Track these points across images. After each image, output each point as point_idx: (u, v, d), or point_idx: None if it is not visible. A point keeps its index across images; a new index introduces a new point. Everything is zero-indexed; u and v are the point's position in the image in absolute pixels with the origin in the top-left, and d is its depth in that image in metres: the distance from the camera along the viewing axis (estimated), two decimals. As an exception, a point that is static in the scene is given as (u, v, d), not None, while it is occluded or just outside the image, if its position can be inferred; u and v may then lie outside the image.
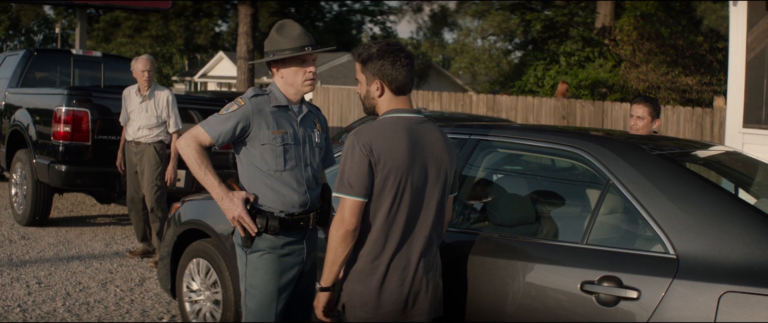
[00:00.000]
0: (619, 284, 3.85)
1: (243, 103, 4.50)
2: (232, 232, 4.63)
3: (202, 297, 6.41)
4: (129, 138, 9.23)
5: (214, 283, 6.24)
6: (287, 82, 4.59)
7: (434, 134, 4.12)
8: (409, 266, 3.97)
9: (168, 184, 9.15)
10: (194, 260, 6.45)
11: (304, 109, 4.69)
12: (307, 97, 6.12)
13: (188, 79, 68.92)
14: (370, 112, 4.21)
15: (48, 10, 64.25)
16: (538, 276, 4.21)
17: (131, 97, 9.22)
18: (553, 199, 5.18)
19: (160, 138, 9.19)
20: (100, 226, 11.36)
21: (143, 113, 9.13)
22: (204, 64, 67.40)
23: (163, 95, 9.23)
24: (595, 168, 4.39)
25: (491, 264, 4.37)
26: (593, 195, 4.68)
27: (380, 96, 4.09)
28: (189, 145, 4.48)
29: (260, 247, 4.48)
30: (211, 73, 62.92)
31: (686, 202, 3.99)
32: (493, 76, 47.14)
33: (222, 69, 60.52)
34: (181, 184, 10.16)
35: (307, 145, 4.63)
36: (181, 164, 9.59)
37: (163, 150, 9.19)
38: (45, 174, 10.24)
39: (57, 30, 65.90)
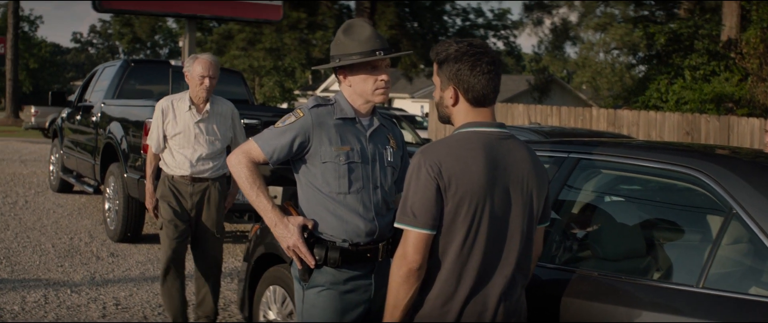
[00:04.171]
0: (742, 340, 3.14)
1: (302, 115, 3.93)
2: (291, 263, 4.05)
3: (278, 329, 5.88)
4: (181, 172, 6.62)
5: (291, 314, 5.70)
6: (355, 90, 4.03)
7: (520, 152, 3.44)
8: (486, 312, 3.31)
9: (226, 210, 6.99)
10: (271, 287, 5.93)
11: (376, 123, 4.09)
12: (415, 108, 5.48)
13: (310, 93, 69.37)
14: (445, 121, 3.57)
15: (171, 23, 65.38)
16: (644, 325, 3.50)
17: (178, 112, 6.67)
18: (663, 231, 4.42)
19: (224, 170, 6.68)
20: (193, 244, 10.93)
21: (202, 137, 6.65)
22: (327, 77, 67.77)
23: (228, 110, 6.91)
24: (715, 194, 3.66)
25: (588, 309, 3.69)
26: (713, 226, 3.94)
27: (454, 105, 3.45)
28: (240, 161, 3.93)
29: (319, 282, 3.89)
30: (333, 87, 63.14)
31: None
32: (616, 90, 46.34)
33: (344, 82, 60.66)
34: (277, 201, 9.63)
35: (378, 163, 4.02)
36: (274, 180, 9.09)
37: (225, 186, 6.92)
38: (135, 189, 9.88)
39: (181, 43, 67.07)
